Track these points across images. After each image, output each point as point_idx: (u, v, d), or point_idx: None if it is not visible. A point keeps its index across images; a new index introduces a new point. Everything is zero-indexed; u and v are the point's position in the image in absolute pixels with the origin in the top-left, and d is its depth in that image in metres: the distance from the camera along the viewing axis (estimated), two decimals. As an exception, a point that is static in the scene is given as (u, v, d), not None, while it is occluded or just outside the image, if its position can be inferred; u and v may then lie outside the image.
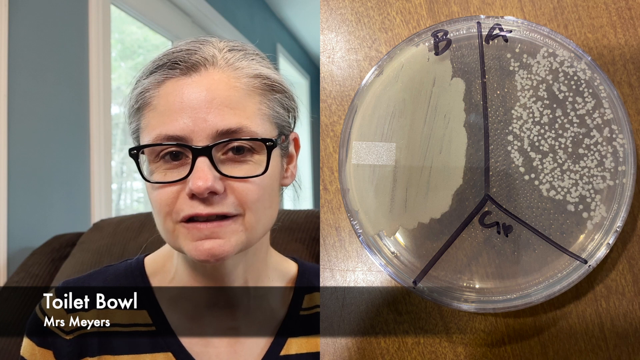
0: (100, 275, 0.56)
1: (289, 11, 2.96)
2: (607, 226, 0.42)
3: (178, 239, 0.49)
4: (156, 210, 0.49)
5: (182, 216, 0.48)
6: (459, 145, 0.44)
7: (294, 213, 0.86)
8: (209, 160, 0.47)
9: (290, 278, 0.58)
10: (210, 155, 0.47)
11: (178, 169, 0.48)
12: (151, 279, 0.55)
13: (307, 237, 0.82)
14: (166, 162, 0.48)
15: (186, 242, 0.48)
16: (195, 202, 0.47)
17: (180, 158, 0.48)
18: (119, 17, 1.67)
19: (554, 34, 0.44)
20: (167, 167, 0.48)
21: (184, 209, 0.47)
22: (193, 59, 0.49)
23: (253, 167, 0.49)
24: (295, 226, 0.83)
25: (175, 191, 0.48)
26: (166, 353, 0.52)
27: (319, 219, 0.47)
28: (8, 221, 1.10)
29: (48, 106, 1.24)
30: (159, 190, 0.48)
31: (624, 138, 0.42)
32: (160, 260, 0.57)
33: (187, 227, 0.48)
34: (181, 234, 0.48)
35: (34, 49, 1.20)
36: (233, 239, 0.48)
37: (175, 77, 0.49)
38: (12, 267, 1.10)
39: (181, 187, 0.48)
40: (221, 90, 0.48)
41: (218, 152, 0.48)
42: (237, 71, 0.50)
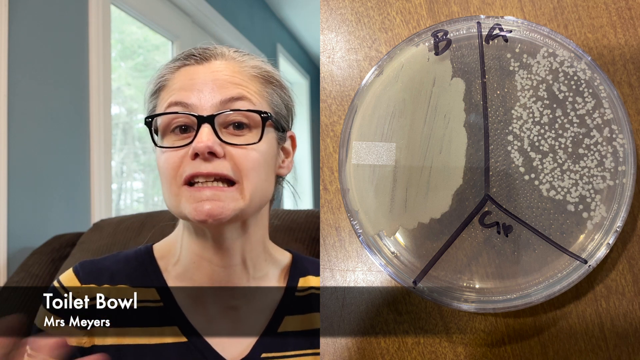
0: (113, 258, 0.62)
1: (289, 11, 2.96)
2: (607, 226, 0.42)
3: (181, 203, 0.54)
4: (163, 175, 0.55)
5: (184, 177, 0.53)
6: (459, 145, 0.44)
7: (294, 213, 0.86)
8: (211, 127, 0.54)
9: (285, 265, 0.63)
10: (212, 123, 0.54)
11: (186, 139, 0.55)
12: (159, 261, 0.61)
13: (307, 237, 0.82)
14: (176, 135, 0.55)
15: (187, 205, 0.53)
16: (197, 162, 0.53)
17: (188, 131, 0.55)
18: (119, 17, 1.67)
19: (554, 34, 0.44)
20: (176, 138, 0.55)
21: (186, 170, 0.53)
22: (206, 53, 0.58)
23: (250, 138, 0.56)
24: (295, 226, 0.83)
25: (180, 155, 0.54)
26: (173, 327, 0.56)
27: (319, 219, 0.47)
28: (8, 221, 1.10)
29: (48, 106, 1.24)
30: (166, 154, 0.55)
31: (624, 138, 0.42)
32: (167, 246, 0.62)
33: (190, 190, 0.54)
34: (184, 197, 0.54)
35: (34, 49, 1.20)
36: (231, 204, 0.54)
37: (190, 64, 0.57)
38: (12, 267, 1.10)
39: (187, 151, 0.54)
40: (227, 72, 0.57)
41: (220, 125, 0.55)
42: (242, 63, 0.59)
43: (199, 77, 0.56)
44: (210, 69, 0.57)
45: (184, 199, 0.54)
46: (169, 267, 0.60)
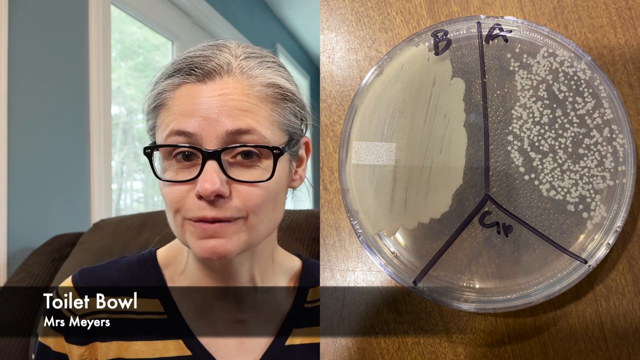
0: (115, 265, 0.59)
1: (289, 11, 2.96)
2: (607, 226, 0.42)
3: (185, 235, 0.51)
4: (167, 205, 0.52)
5: (190, 216, 0.50)
6: (459, 145, 0.44)
7: (294, 213, 0.86)
8: (217, 164, 0.49)
9: (295, 273, 0.61)
10: (219, 158, 0.49)
11: (189, 169, 0.51)
12: (163, 270, 0.58)
13: (307, 237, 0.82)
14: (178, 162, 0.51)
15: (192, 239, 0.51)
16: (202, 204, 0.49)
17: (191, 159, 0.50)
18: (119, 17, 1.67)
19: (554, 34, 0.44)
20: (179, 167, 0.51)
21: (192, 210, 0.50)
22: (209, 66, 0.51)
23: (260, 172, 0.51)
24: (295, 226, 0.83)
25: (185, 190, 0.50)
26: (177, 340, 0.55)
27: (319, 219, 0.47)
28: (8, 221, 1.10)
29: (48, 106, 1.24)
30: (170, 187, 0.51)
31: (624, 138, 0.42)
32: (172, 252, 0.59)
33: (194, 226, 0.50)
34: (188, 230, 0.51)
35: (34, 49, 1.20)
36: (234, 239, 0.50)
37: (191, 82, 0.51)
38: (12, 267, 1.10)
39: (191, 186, 0.50)
40: (234, 96, 0.50)
41: (227, 156, 0.50)
42: (251, 79, 0.52)
43: (202, 102, 0.50)
44: (215, 91, 0.50)
45: (189, 232, 0.51)
46: (174, 277, 0.58)
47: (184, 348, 0.54)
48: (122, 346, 0.54)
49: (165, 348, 0.54)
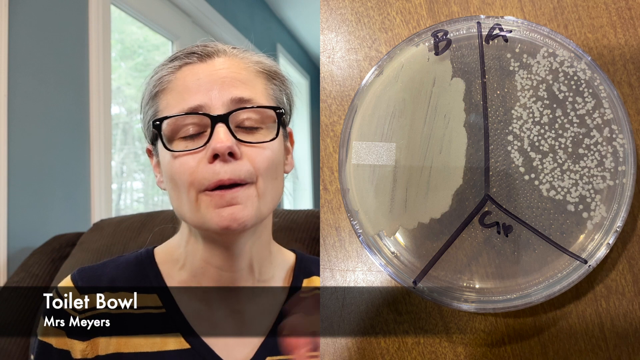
0: (113, 263, 0.60)
1: (289, 11, 2.96)
2: (607, 226, 0.42)
3: (200, 209, 0.52)
4: (179, 181, 0.52)
5: (206, 185, 0.51)
6: (459, 145, 0.44)
7: (294, 213, 0.86)
8: (226, 126, 0.52)
9: (290, 265, 0.62)
10: (227, 122, 0.52)
11: (196, 141, 0.52)
12: (161, 266, 0.59)
13: (307, 237, 0.82)
14: (185, 141, 0.53)
15: (209, 211, 0.51)
16: (216, 168, 0.51)
17: (198, 136, 0.52)
18: (119, 17, 1.67)
19: (554, 34, 0.44)
20: (186, 143, 0.53)
21: (207, 177, 0.51)
22: (207, 50, 0.56)
23: (264, 136, 0.54)
24: (295, 226, 0.83)
25: (196, 160, 0.52)
26: (176, 334, 0.55)
27: (319, 219, 0.47)
28: (8, 221, 1.10)
29: (48, 106, 1.24)
30: (179, 159, 0.52)
31: (624, 138, 0.42)
32: (169, 250, 0.60)
33: (211, 195, 0.51)
34: (203, 203, 0.51)
35: (34, 49, 1.20)
36: (249, 205, 0.52)
37: (192, 63, 0.55)
38: (12, 267, 1.10)
39: (202, 155, 0.52)
40: (233, 69, 0.55)
41: (233, 124, 0.52)
42: (245, 59, 0.57)
43: (205, 77, 0.53)
44: (214, 67, 0.54)
45: (204, 204, 0.51)
46: (173, 272, 0.58)
47: (182, 341, 0.55)
48: (121, 340, 0.55)
49: (164, 342, 0.55)
